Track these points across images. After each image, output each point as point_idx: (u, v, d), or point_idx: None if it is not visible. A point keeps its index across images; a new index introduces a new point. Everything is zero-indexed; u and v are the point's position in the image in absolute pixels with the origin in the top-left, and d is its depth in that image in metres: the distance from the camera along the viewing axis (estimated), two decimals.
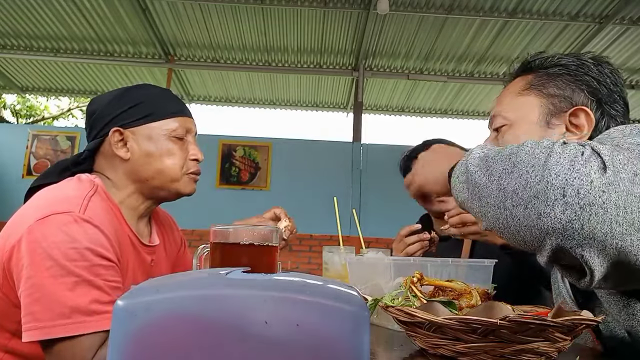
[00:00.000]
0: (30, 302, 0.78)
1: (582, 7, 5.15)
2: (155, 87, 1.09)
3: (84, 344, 0.76)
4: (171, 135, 1.02)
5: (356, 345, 0.36)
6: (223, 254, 0.78)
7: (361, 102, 6.48)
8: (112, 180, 1.02)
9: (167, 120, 1.03)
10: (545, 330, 0.58)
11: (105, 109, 1.02)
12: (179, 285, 0.39)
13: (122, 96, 1.03)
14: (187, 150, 1.06)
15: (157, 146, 1.01)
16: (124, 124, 1.00)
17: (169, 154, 1.02)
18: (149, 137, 1.01)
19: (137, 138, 1.01)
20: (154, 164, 1.01)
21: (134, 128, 1.01)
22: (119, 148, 1.00)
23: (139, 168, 1.01)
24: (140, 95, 1.03)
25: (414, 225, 1.31)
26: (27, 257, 0.80)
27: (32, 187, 1.01)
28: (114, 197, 0.99)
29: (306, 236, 5.92)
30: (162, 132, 1.02)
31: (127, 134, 1.00)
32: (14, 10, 5.52)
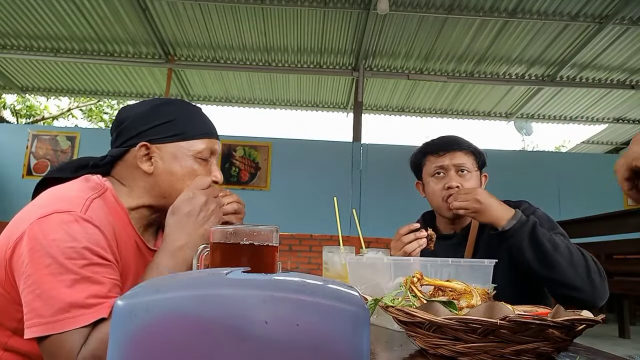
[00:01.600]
0: (32, 299, 0.79)
1: (582, 7, 5.16)
2: (188, 104, 1.08)
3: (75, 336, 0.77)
4: (197, 157, 1.03)
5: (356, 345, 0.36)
6: (223, 254, 0.78)
7: (361, 102, 6.48)
8: (127, 188, 1.03)
9: (195, 141, 1.03)
10: (545, 330, 0.58)
11: (135, 121, 1.02)
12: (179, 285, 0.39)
13: (154, 110, 1.02)
14: (209, 171, 1.06)
15: (182, 165, 1.01)
16: (152, 139, 1.00)
17: (191, 175, 1.02)
18: (174, 156, 1.01)
19: (162, 155, 1.01)
20: (175, 183, 1.01)
21: (161, 145, 1.01)
22: (143, 162, 1.00)
23: (160, 184, 1.01)
24: (173, 111, 1.03)
25: (412, 224, 1.31)
26: (28, 255, 0.81)
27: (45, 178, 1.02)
28: (124, 203, 1.00)
29: (306, 236, 5.92)
30: (188, 153, 1.02)
31: (153, 149, 1.00)
32: (14, 10, 5.52)
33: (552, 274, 1.18)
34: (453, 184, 1.42)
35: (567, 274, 1.17)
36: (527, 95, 7.17)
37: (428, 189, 1.52)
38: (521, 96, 7.24)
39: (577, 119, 7.95)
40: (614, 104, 7.36)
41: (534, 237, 1.20)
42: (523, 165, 6.32)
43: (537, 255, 1.19)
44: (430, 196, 1.52)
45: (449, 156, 1.47)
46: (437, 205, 1.50)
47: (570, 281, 1.17)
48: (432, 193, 1.50)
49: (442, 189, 1.46)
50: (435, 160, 1.49)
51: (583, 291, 1.18)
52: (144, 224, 1.05)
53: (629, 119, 7.97)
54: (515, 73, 6.55)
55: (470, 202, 1.30)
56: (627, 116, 7.89)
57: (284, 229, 5.50)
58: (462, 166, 1.46)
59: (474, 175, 1.47)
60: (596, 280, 1.19)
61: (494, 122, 8.27)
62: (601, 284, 1.20)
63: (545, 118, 8.00)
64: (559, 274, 1.17)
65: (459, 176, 1.45)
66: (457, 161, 1.46)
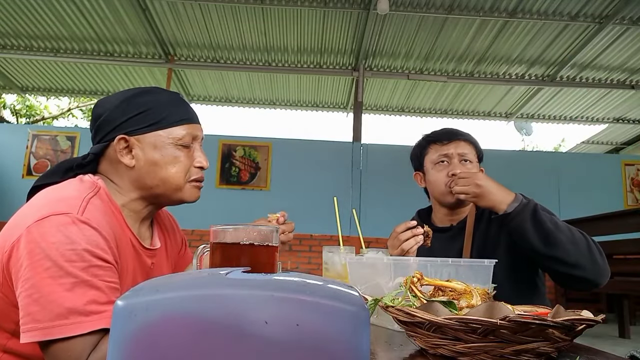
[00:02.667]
0: (29, 303, 0.78)
1: (582, 7, 5.16)
2: (163, 91, 1.06)
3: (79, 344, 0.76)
4: (177, 144, 1.01)
5: (356, 345, 0.36)
6: (223, 254, 0.78)
7: (361, 102, 6.48)
8: (116, 184, 1.02)
9: (174, 129, 1.01)
10: (545, 330, 0.58)
11: (111, 114, 1.00)
12: (179, 285, 0.39)
13: (129, 101, 1.00)
14: (192, 157, 1.04)
15: (163, 154, 1.00)
16: (129, 131, 0.98)
17: (174, 163, 1.01)
18: (154, 146, 1.00)
19: (142, 146, 0.99)
20: (159, 172, 1.00)
21: (139, 136, 0.99)
22: (123, 155, 0.99)
23: (144, 176, 1.00)
24: (148, 101, 1.01)
25: (409, 221, 1.31)
26: (26, 258, 0.80)
27: (35, 185, 1.00)
28: (116, 200, 0.99)
29: (306, 236, 5.92)
30: (168, 141, 1.00)
31: (132, 141, 0.99)
32: (14, 10, 5.52)
33: (555, 252, 1.19)
34: (457, 171, 1.44)
35: (570, 252, 1.18)
36: (527, 95, 7.17)
37: (430, 177, 1.54)
38: (521, 96, 7.24)
39: (577, 119, 7.95)
40: (614, 104, 7.36)
41: (536, 218, 1.21)
42: (523, 165, 6.32)
43: (540, 235, 1.20)
44: (432, 184, 1.54)
45: (453, 145, 1.50)
46: (439, 192, 1.51)
47: (573, 259, 1.18)
48: (435, 180, 1.51)
49: (445, 176, 1.48)
50: (440, 149, 1.52)
51: (585, 269, 1.19)
52: (137, 220, 1.04)
53: (629, 119, 7.97)
54: (515, 73, 6.55)
55: (470, 186, 1.31)
56: (627, 116, 7.89)
57: None
58: (466, 156, 1.49)
59: (475, 166, 1.50)
60: (597, 258, 1.20)
61: (494, 122, 8.27)
62: (602, 261, 1.21)
63: (545, 118, 8.00)
64: (562, 252, 1.18)
65: (462, 165, 1.48)
66: (460, 150, 1.49)
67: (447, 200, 1.50)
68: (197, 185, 1.07)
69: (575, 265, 1.18)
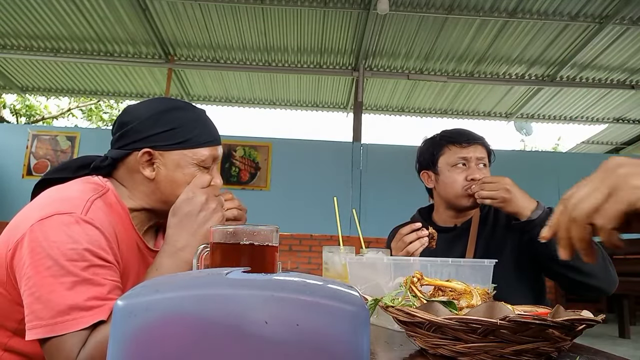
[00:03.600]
0: (32, 301, 0.79)
1: (582, 7, 5.16)
2: (194, 109, 1.07)
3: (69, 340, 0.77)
4: (200, 165, 1.02)
5: (356, 345, 0.36)
6: (223, 254, 0.78)
7: (361, 102, 6.48)
8: (128, 190, 1.02)
9: (200, 149, 1.02)
10: (545, 330, 0.58)
11: (140, 125, 1.00)
12: (179, 285, 0.39)
13: (160, 115, 1.01)
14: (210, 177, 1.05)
15: (184, 173, 1.01)
16: (156, 146, 0.99)
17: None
18: (177, 164, 1.00)
19: (165, 162, 1.00)
20: (176, 190, 1.01)
21: (164, 152, 1.00)
22: (145, 168, 1.00)
23: (161, 190, 1.01)
24: (178, 118, 1.02)
25: (414, 224, 1.30)
26: (28, 256, 0.81)
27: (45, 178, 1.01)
28: (125, 203, 1.00)
29: (306, 236, 5.92)
30: (192, 161, 1.01)
31: (156, 155, 1.00)
32: (14, 10, 5.52)
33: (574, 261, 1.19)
34: (477, 177, 1.44)
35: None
36: (527, 95, 7.17)
37: (446, 179, 1.51)
38: (521, 96, 7.24)
39: (577, 119, 7.95)
40: (614, 104, 7.36)
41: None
42: (523, 165, 6.31)
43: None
44: (447, 186, 1.51)
45: (472, 148, 1.49)
46: (454, 195, 1.50)
47: (590, 268, 1.19)
48: (452, 183, 1.49)
49: (464, 179, 1.47)
50: (459, 151, 1.50)
51: (599, 278, 1.20)
52: (144, 225, 1.06)
53: (629, 119, 7.97)
54: (515, 73, 6.55)
55: (499, 191, 1.30)
56: (627, 116, 7.89)
57: (284, 229, 5.50)
58: (483, 160, 1.49)
59: (489, 171, 1.51)
60: (610, 267, 1.21)
61: (494, 122, 8.27)
62: (613, 270, 1.22)
63: (545, 118, 8.00)
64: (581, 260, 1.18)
65: (479, 169, 1.48)
66: (479, 154, 1.49)
67: (462, 204, 1.49)
68: None
69: (590, 274, 1.19)
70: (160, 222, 1.10)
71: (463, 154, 1.49)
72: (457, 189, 1.48)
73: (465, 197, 1.46)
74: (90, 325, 0.78)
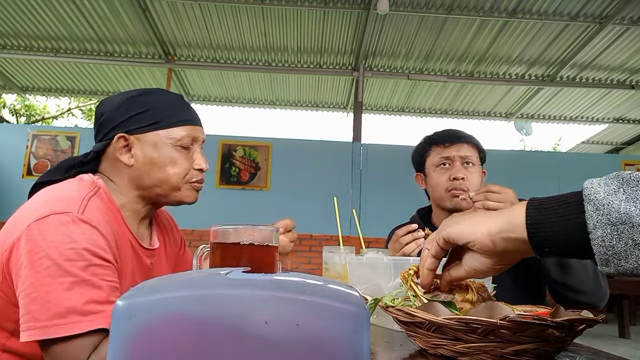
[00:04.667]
0: (28, 302, 0.78)
1: (582, 7, 5.16)
2: (166, 93, 1.07)
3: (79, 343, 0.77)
4: (176, 144, 1.01)
5: (356, 345, 0.36)
6: (223, 254, 0.78)
7: (361, 102, 6.48)
8: (115, 183, 1.02)
9: (174, 129, 1.01)
10: (545, 330, 0.58)
11: (113, 113, 1.01)
12: (179, 285, 0.39)
13: (131, 101, 1.01)
14: (192, 159, 1.05)
15: (161, 154, 1.00)
16: (129, 130, 0.99)
17: (172, 163, 1.01)
18: (153, 145, 1.00)
19: (141, 145, 1.00)
20: (157, 172, 1.00)
21: (139, 135, 1.00)
22: (122, 154, 1.00)
23: (142, 175, 1.00)
24: (150, 101, 1.02)
25: (410, 225, 1.30)
26: (26, 257, 0.80)
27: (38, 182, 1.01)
28: (116, 200, 0.99)
29: (306, 236, 5.92)
30: (167, 141, 1.01)
31: (132, 140, 1.00)
32: (14, 10, 5.52)
33: (568, 279, 1.19)
34: (459, 175, 1.43)
35: (581, 278, 1.18)
36: (527, 96, 7.17)
37: (431, 180, 1.51)
38: (521, 96, 7.24)
39: (577, 119, 7.96)
40: (614, 104, 7.36)
41: None
42: (523, 165, 6.31)
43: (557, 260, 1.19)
44: (433, 187, 1.51)
45: (455, 147, 1.47)
46: (439, 196, 1.49)
47: (583, 286, 1.18)
48: (436, 184, 1.49)
49: (447, 179, 1.46)
50: (442, 151, 1.49)
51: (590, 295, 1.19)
52: (136, 220, 1.04)
53: (629, 119, 7.97)
54: (515, 73, 6.55)
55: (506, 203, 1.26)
56: (627, 116, 7.89)
57: None
58: (468, 158, 1.46)
59: (477, 169, 1.48)
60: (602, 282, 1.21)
61: (494, 122, 8.27)
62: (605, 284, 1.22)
63: (545, 118, 8.00)
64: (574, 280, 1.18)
65: (464, 168, 1.46)
66: (463, 153, 1.46)
67: (446, 205, 1.48)
68: (196, 187, 1.07)
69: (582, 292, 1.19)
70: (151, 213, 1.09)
71: (445, 154, 1.48)
72: (441, 190, 1.47)
73: (448, 198, 1.45)
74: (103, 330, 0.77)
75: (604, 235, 0.46)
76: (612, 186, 0.48)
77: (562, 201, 0.53)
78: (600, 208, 0.47)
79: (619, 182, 0.48)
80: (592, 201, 0.48)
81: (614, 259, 0.47)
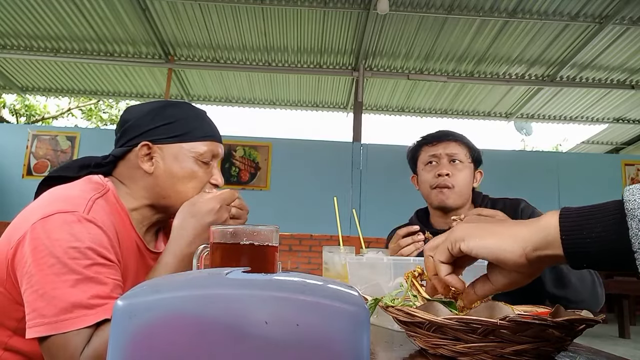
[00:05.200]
0: (35, 299, 0.79)
1: (582, 7, 5.16)
2: (193, 107, 1.09)
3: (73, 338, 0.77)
4: (198, 159, 1.03)
5: (356, 345, 0.36)
6: (223, 254, 0.78)
7: (361, 102, 6.49)
8: (128, 188, 1.03)
9: (197, 143, 1.03)
10: (545, 330, 0.58)
11: (139, 121, 1.02)
12: (179, 285, 0.39)
13: (158, 111, 1.03)
14: (209, 174, 1.06)
15: (182, 167, 1.02)
16: (154, 139, 1.01)
17: (191, 177, 1.02)
18: (175, 157, 1.01)
19: (164, 155, 1.01)
20: (175, 184, 1.02)
21: (163, 145, 1.01)
22: (144, 162, 1.01)
23: (159, 184, 1.02)
24: (177, 113, 1.03)
25: (411, 226, 1.30)
26: (31, 255, 0.81)
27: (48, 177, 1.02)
28: (125, 203, 1.00)
29: (306, 236, 5.92)
30: (189, 154, 1.02)
31: (155, 149, 1.01)
32: (14, 10, 5.52)
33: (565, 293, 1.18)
34: (444, 172, 1.44)
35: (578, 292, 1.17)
36: (527, 96, 7.17)
37: (420, 178, 1.53)
38: (521, 96, 7.24)
39: (577, 119, 7.96)
40: (614, 104, 7.36)
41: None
42: (523, 165, 6.32)
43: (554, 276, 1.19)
44: (421, 185, 1.53)
45: (442, 145, 1.48)
46: (426, 193, 1.51)
47: (580, 297, 1.18)
48: (424, 181, 1.51)
49: (433, 176, 1.47)
50: (429, 150, 1.51)
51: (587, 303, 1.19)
52: (145, 225, 1.05)
53: (629, 119, 7.97)
54: (515, 73, 6.55)
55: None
56: (627, 116, 7.89)
57: (284, 229, 5.50)
58: (455, 156, 1.47)
59: (466, 167, 1.47)
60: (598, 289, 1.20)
61: (494, 122, 8.27)
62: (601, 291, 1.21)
63: (545, 118, 8.01)
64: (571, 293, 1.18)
65: (451, 165, 1.46)
66: (449, 150, 1.47)
67: (432, 202, 1.49)
68: None
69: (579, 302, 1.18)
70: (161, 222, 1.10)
71: (432, 152, 1.49)
72: (427, 188, 1.49)
73: (434, 194, 1.46)
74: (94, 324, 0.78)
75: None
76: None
77: (600, 212, 0.49)
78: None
79: None
80: (637, 217, 0.45)
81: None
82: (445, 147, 1.48)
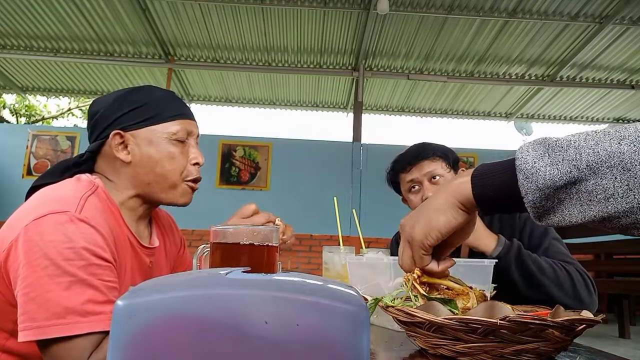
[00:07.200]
0: (26, 302, 0.78)
1: (582, 7, 5.16)
2: (158, 89, 1.07)
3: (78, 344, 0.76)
4: (172, 139, 1.01)
5: (356, 345, 0.36)
6: (223, 254, 0.78)
7: (361, 102, 6.49)
8: (113, 181, 1.02)
9: (168, 123, 1.01)
10: (545, 330, 0.58)
11: (106, 111, 1.01)
12: (179, 285, 0.39)
13: (123, 98, 1.02)
14: (188, 153, 1.05)
15: (158, 149, 1.00)
16: (124, 127, 0.99)
17: (169, 158, 1.01)
18: (149, 141, 1.00)
19: (137, 141, 1.00)
20: (155, 167, 1.00)
21: (134, 131, 1.00)
22: (119, 151, 0.99)
23: (140, 172, 1.00)
24: (142, 97, 1.02)
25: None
26: (24, 257, 0.80)
27: (34, 186, 1.00)
28: (114, 198, 0.99)
29: (306, 236, 5.92)
30: (163, 136, 1.01)
31: (127, 137, 0.99)
32: (14, 10, 5.52)
33: (537, 295, 1.17)
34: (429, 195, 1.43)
35: (554, 294, 1.17)
36: (527, 96, 7.17)
37: (410, 203, 1.54)
38: (521, 96, 7.24)
39: (577, 119, 7.96)
40: (614, 104, 7.36)
41: (520, 260, 1.19)
42: None
43: (524, 277, 1.18)
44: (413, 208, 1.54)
45: (416, 169, 1.47)
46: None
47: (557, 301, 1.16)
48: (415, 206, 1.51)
49: (420, 201, 1.46)
50: (406, 177, 1.51)
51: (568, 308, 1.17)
52: (135, 219, 1.04)
53: (629, 119, 7.97)
54: (515, 73, 6.55)
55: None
56: (627, 116, 7.89)
57: None
58: (433, 172, 1.46)
59: (447, 177, 1.47)
60: (583, 296, 1.18)
61: (494, 122, 8.27)
62: (589, 298, 1.19)
63: (545, 118, 8.00)
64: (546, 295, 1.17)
65: (432, 184, 1.46)
66: (426, 170, 1.46)
67: None
68: (192, 187, 1.07)
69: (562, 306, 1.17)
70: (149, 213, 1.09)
71: (410, 177, 1.49)
72: None
73: None
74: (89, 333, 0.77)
75: (534, 199, 0.55)
76: (539, 151, 0.56)
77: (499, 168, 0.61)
78: (530, 176, 0.55)
79: (544, 147, 0.56)
80: (523, 170, 0.56)
81: (544, 215, 0.56)
82: (419, 169, 1.47)
